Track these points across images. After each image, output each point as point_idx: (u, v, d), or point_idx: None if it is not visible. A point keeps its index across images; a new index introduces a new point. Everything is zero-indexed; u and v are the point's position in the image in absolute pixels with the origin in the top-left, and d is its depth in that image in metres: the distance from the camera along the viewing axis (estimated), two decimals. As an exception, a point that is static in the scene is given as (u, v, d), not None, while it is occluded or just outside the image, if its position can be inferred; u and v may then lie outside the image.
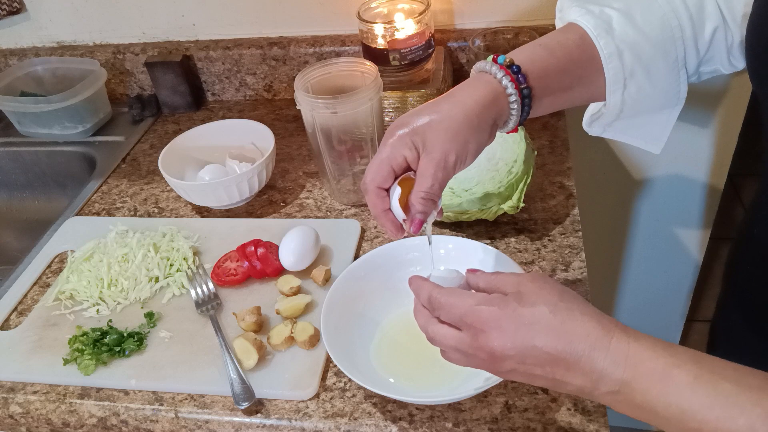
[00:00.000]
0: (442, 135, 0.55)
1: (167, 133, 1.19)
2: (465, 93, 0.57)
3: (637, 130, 0.67)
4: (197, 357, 0.74)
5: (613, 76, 0.60)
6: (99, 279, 0.84)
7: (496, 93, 0.57)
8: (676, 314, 1.53)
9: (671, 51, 0.61)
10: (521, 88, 0.57)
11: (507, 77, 0.57)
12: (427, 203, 0.56)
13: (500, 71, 0.57)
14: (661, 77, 0.62)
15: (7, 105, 1.17)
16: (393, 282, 0.76)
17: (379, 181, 0.57)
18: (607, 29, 0.60)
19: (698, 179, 1.26)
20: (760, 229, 0.70)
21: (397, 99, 1.00)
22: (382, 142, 0.57)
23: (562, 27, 0.63)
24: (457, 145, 0.55)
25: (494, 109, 0.57)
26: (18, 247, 1.23)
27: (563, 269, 0.79)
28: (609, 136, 0.68)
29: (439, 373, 0.68)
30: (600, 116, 0.66)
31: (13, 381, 0.76)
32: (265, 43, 1.18)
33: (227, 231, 0.92)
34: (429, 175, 0.55)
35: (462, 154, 0.56)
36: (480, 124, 0.56)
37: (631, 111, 0.64)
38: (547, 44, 0.61)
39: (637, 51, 0.60)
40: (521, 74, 0.58)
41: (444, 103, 0.57)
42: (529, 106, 0.59)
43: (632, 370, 0.45)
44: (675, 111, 0.66)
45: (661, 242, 1.37)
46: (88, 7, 1.21)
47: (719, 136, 1.19)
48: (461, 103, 0.56)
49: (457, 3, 1.10)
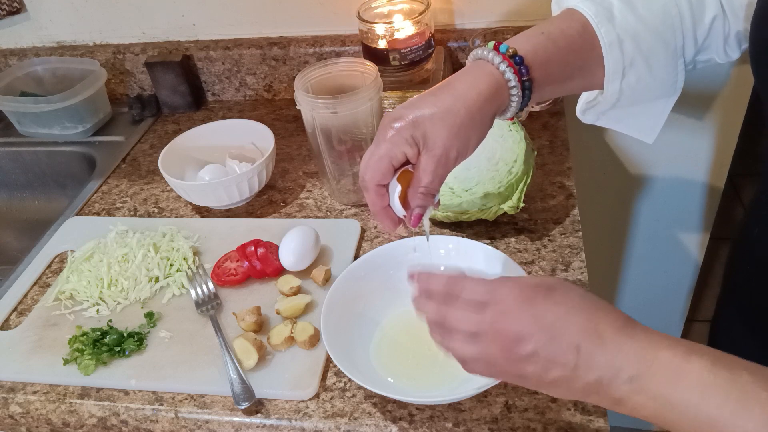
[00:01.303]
0: (445, 131, 0.54)
1: (167, 133, 1.19)
2: (466, 84, 0.55)
3: (632, 119, 0.66)
4: (197, 357, 0.74)
5: (613, 65, 0.60)
6: (99, 279, 0.84)
7: (498, 84, 0.56)
8: (676, 314, 1.53)
9: (671, 40, 0.61)
10: (523, 80, 0.56)
11: (510, 69, 0.56)
12: (427, 198, 0.55)
13: (503, 62, 0.56)
14: (660, 67, 0.61)
15: (7, 105, 1.17)
16: (393, 282, 0.76)
17: (378, 179, 0.56)
18: (609, 17, 0.59)
19: (698, 179, 1.26)
20: (760, 229, 0.70)
21: (397, 99, 1.00)
22: (379, 136, 0.56)
23: (563, 13, 0.62)
24: (458, 141, 0.54)
25: (496, 102, 0.56)
26: (18, 247, 1.23)
27: (563, 269, 0.79)
28: (602, 124, 0.67)
29: (439, 373, 0.68)
30: (596, 104, 0.65)
31: (13, 381, 0.76)
32: (265, 43, 1.18)
33: (227, 231, 0.92)
34: (429, 172, 0.54)
35: (463, 150, 0.55)
36: (482, 119, 0.55)
37: (628, 100, 0.63)
38: (550, 33, 0.59)
39: (638, 40, 0.59)
40: (524, 66, 0.56)
41: (445, 96, 0.55)
42: (530, 96, 0.58)
43: (653, 357, 0.44)
44: (670, 101, 0.65)
45: (661, 242, 1.37)
46: (88, 7, 1.21)
47: (719, 136, 1.19)
48: (463, 97, 0.55)
49: (457, 3, 1.10)
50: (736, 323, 0.78)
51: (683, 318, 1.54)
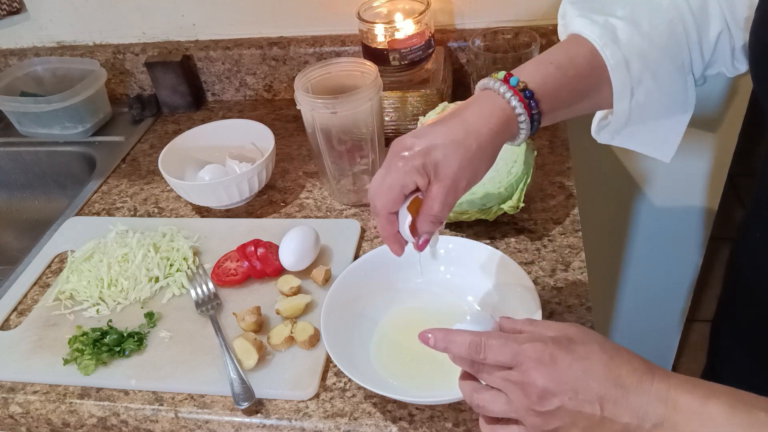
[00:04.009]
0: (456, 164, 0.55)
1: (167, 133, 1.19)
2: (478, 118, 0.57)
3: (647, 137, 0.67)
4: (197, 357, 0.74)
5: (620, 85, 0.60)
6: (99, 279, 0.84)
7: (508, 118, 0.57)
8: (676, 314, 1.53)
9: (678, 56, 0.61)
10: (533, 113, 0.58)
11: (521, 104, 0.57)
12: (436, 225, 0.57)
13: (514, 97, 0.57)
14: (668, 83, 0.62)
15: (7, 105, 1.17)
16: (393, 282, 0.76)
17: (390, 207, 0.57)
18: (613, 39, 0.59)
19: (698, 179, 1.26)
20: (762, 233, 0.70)
21: (397, 99, 1.00)
22: (389, 162, 0.57)
23: (569, 39, 0.63)
24: (469, 173, 0.56)
25: (506, 135, 0.58)
26: (18, 247, 1.23)
27: (563, 269, 0.79)
28: (618, 144, 0.68)
29: (439, 373, 0.68)
30: (608, 124, 0.65)
31: (13, 381, 0.76)
32: (265, 43, 1.18)
33: (227, 231, 0.92)
34: (440, 201, 0.56)
35: (472, 179, 0.57)
36: (493, 151, 0.57)
37: (639, 118, 0.63)
38: (560, 63, 0.60)
39: (645, 57, 0.60)
40: (534, 99, 0.57)
41: (457, 128, 0.56)
42: (538, 126, 0.60)
43: (674, 402, 0.46)
44: (684, 118, 0.65)
45: (661, 242, 1.37)
46: (88, 7, 1.21)
47: (719, 136, 1.19)
48: (475, 132, 0.56)
49: (457, 3, 1.10)
50: (737, 325, 0.78)
51: (683, 318, 1.54)
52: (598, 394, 0.47)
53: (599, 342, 0.50)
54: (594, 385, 0.48)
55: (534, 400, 0.49)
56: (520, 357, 0.49)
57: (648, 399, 0.47)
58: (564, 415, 0.48)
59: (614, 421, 0.47)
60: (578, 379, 0.48)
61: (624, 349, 0.50)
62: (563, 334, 0.51)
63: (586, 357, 0.49)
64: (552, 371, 0.48)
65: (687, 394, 0.47)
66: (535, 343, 0.49)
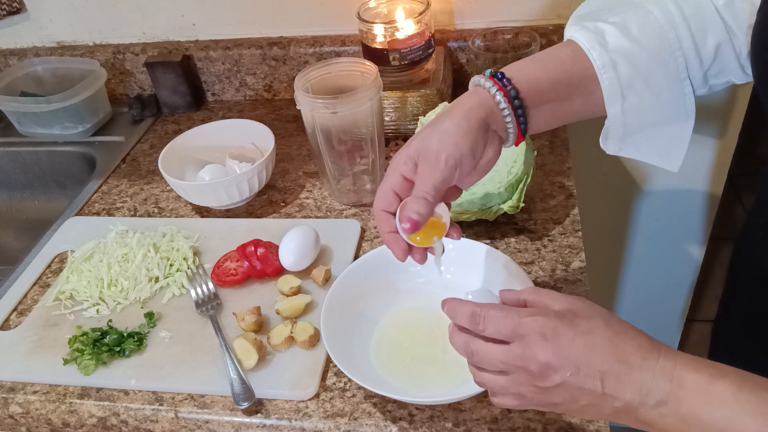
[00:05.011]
0: (434, 140, 0.57)
1: (167, 133, 1.19)
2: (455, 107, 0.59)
3: (650, 146, 0.67)
4: (197, 357, 0.74)
5: (609, 86, 0.60)
6: (99, 279, 0.84)
7: (483, 99, 0.59)
8: (676, 314, 1.53)
9: (670, 62, 0.61)
10: (507, 89, 0.58)
11: (495, 86, 0.59)
12: (420, 202, 0.55)
13: (488, 81, 0.59)
14: (662, 88, 0.62)
15: (7, 105, 1.17)
16: (393, 282, 0.76)
17: (383, 206, 0.59)
18: (601, 42, 0.60)
19: (698, 179, 1.26)
20: (765, 231, 0.70)
21: (397, 99, 1.00)
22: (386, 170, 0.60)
23: (558, 44, 0.64)
24: (448, 146, 0.56)
25: (482, 110, 0.58)
26: (18, 247, 1.23)
27: (563, 269, 0.79)
28: (625, 155, 0.68)
29: (439, 373, 0.68)
30: (608, 131, 0.66)
31: (13, 381, 0.76)
32: (265, 43, 1.18)
33: (227, 231, 0.92)
34: (423, 174, 0.57)
35: (455, 153, 0.56)
36: (469, 124, 0.57)
37: (636, 124, 0.63)
38: (540, 57, 0.63)
39: (634, 61, 0.60)
40: (506, 78, 0.59)
41: (436, 120, 0.59)
42: (524, 115, 0.60)
43: (679, 380, 0.46)
44: (686, 126, 0.65)
45: (661, 242, 1.37)
46: (88, 7, 1.21)
47: (719, 136, 1.19)
48: (449, 116, 0.58)
49: (457, 3, 1.10)
50: (738, 325, 0.78)
51: (683, 318, 1.54)
52: (601, 369, 0.47)
53: (604, 317, 0.49)
54: (597, 360, 0.47)
55: (535, 376, 0.48)
56: (522, 330, 0.49)
57: (653, 375, 0.46)
58: (564, 391, 0.48)
59: (615, 397, 0.47)
60: (581, 355, 0.47)
61: (630, 325, 0.49)
62: (568, 308, 0.50)
63: (589, 332, 0.48)
64: (554, 345, 0.47)
65: (694, 372, 0.46)
66: (537, 317, 0.49)
